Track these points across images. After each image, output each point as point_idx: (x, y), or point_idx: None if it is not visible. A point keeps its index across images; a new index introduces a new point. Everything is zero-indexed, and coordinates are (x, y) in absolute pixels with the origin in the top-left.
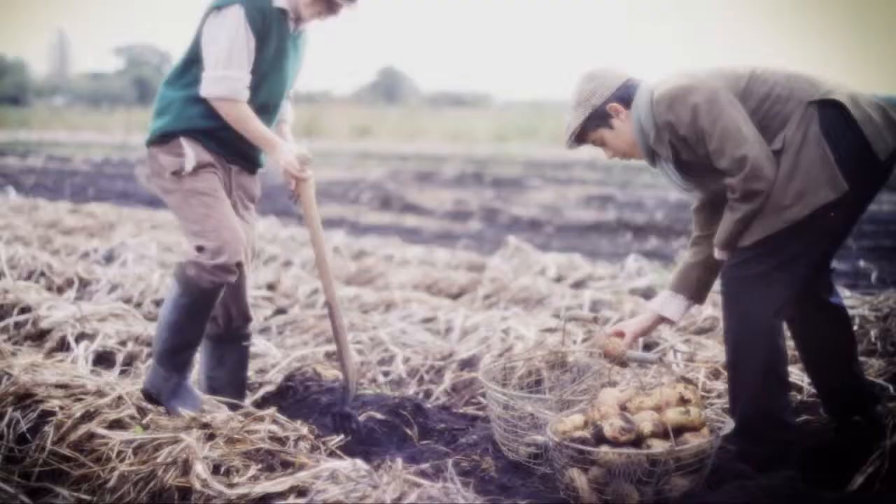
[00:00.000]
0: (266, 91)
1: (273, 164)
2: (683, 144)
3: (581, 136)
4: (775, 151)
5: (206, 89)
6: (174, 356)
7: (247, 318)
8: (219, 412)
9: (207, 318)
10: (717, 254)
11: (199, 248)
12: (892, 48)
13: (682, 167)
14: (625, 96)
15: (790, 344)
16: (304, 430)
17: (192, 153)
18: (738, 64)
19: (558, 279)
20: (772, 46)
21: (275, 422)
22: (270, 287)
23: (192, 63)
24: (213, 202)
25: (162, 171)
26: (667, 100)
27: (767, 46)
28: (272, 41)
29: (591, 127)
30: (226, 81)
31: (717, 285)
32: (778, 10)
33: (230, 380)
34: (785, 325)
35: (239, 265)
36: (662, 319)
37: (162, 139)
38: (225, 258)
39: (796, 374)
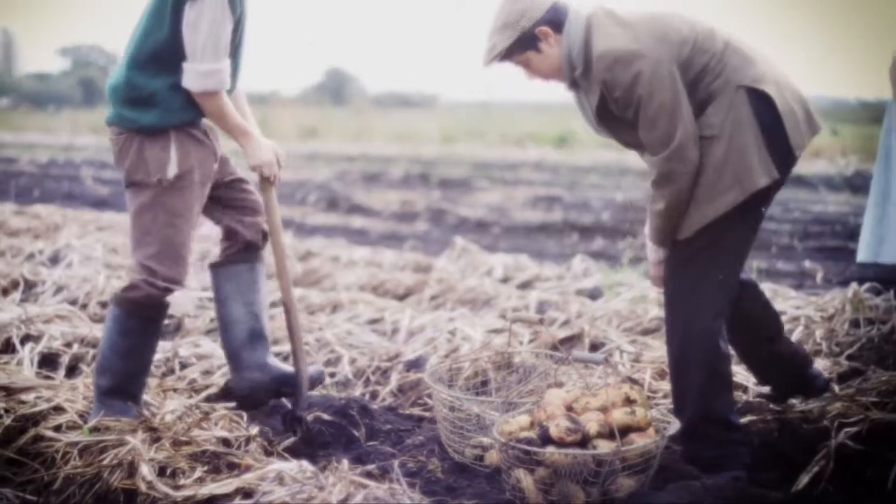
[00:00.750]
0: (236, 73)
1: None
2: (614, 101)
3: (505, 58)
4: (708, 137)
5: (193, 83)
6: (131, 383)
7: (261, 232)
8: (164, 412)
9: (160, 332)
10: (649, 250)
11: (152, 271)
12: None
13: (602, 112)
14: (554, 20)
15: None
16: (252, 431)
17: (176, 157)
18: (686, 23)
19: (505, 280)
20: (770, 46)
21: (223, 422)
22: None
23: (168, 49)
24: (181, 224)
25: (146, 168)
26: (610, 59)
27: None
28: (242, 22)
29: (518, 50)
30: (213, 75)
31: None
32: (775, 11)
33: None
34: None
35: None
36: None
37: (150, 131)
38: (175, 285)
39: (742, 375)
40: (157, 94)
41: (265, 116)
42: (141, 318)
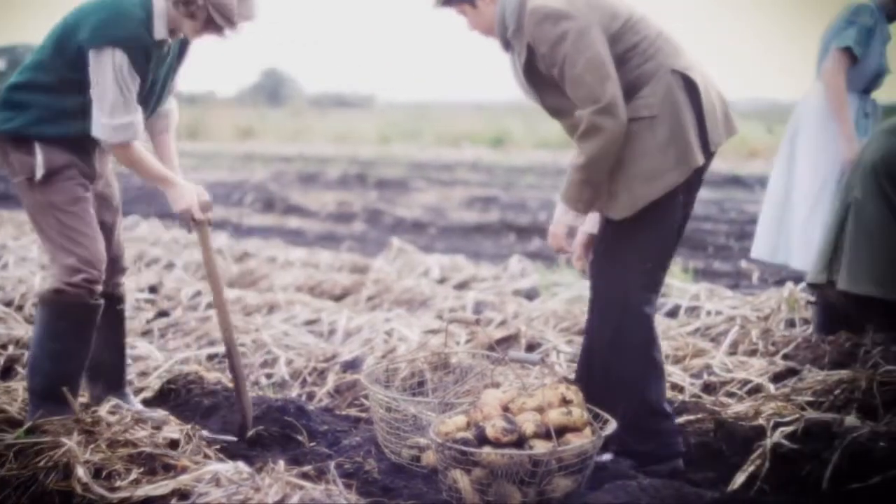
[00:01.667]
0: (149, 110)
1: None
2: (541, 58)
3: (446, 3)
4: (648, 117)
5: (103, 135)
6: (66, 385)
7: (119, 270)
8: (103, 412)
9: (93, 335)
10: (558, 209)
11: (66, 268)
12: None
13: (530, 72)
14: None
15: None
16: (188, 433)
17: (42, 160)
18: (621, 2)
19: (442, 280)
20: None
21: (157, 424)
22: (153, 290)
23: (58, 75)
24: (72, 221)
25: (13, 170)
26: (540, 14)
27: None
28: (152, 70)
29: (457, 0)
30: (123, 129)
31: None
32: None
33: (109, 344)
34: None
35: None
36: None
37: (13, 135)
38: (92, 274)
39: (678, 375)
40: (35, 107)
41: (201, 117)
42: (69, 320)
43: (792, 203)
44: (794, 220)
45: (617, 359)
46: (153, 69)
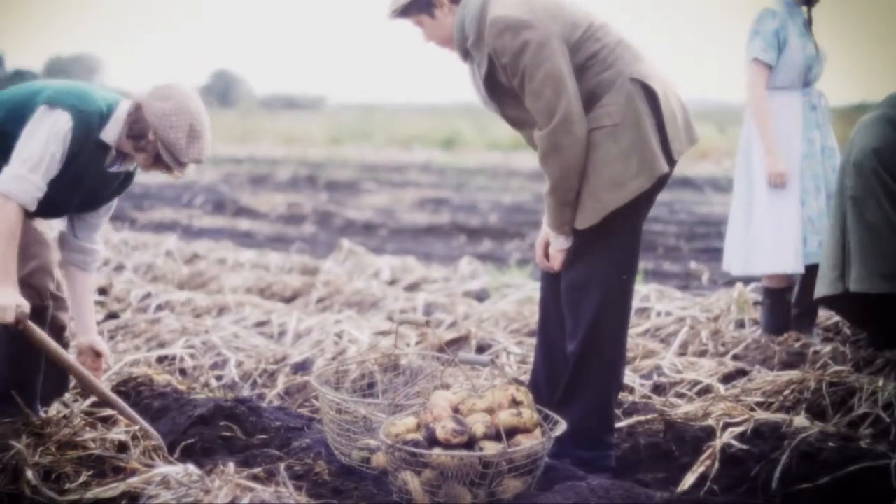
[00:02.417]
0: (69, 208)
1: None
2: (502, 69)
3: (402, 14)
4: (610, 126)
5: (1, 180)
6: (22, 389)
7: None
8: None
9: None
10: (550, 237)
11: None
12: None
13: (490, 83)
14: None
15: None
16: (138, 435)
17: None
18: (583, 10)
19: (392, 282)
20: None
21: (106, 426)
22: (102, 291)
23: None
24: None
25: None
26: (501, 25)
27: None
28: (83, 166)
29: (414, 10)
30: (24, 183)
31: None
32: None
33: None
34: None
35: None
36: None
37: None
38: (41, 300)
39: (628, 376)
40: None
41: None
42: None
43: (755, 212)
44: (761, 224)
45: (580, 365)
46: (84, 164)
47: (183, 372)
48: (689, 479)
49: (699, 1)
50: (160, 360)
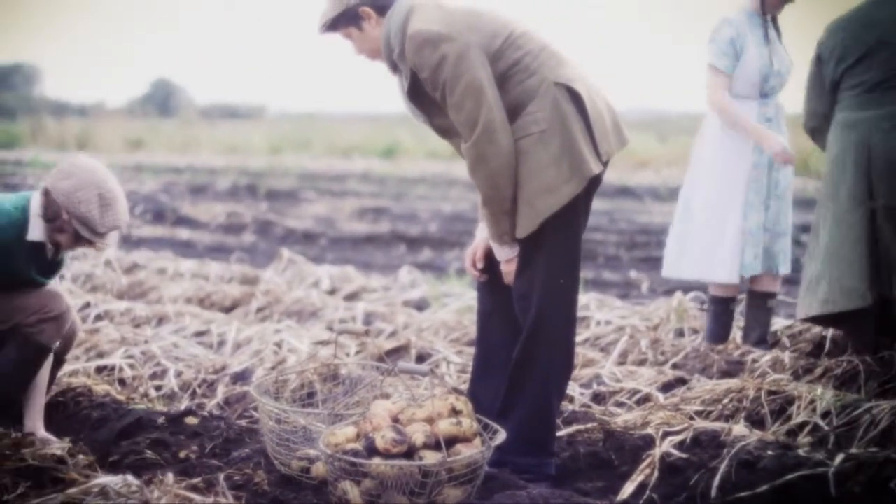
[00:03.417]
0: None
1: None
2: (424, 81)
3: (330, 28)
4: (537, 132)
5: None
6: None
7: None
8: None
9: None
10: (494, 250)
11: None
12: None
13: (416, 94)
14: (379, 3)
15: None
16: (76, 446)
17: None
18: (503, 19)
19: (332, 291)
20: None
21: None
22: None
23: None
24: None
25: None
26: (420, 39)
27: None
28: (24, 270)
29: (342, 24)
30: None
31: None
32: None
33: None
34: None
35: None
36: None
37: None
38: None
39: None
40: None
41: (90, 129)
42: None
43: (693, 217)
44: (701, 232)
45: (521, 371)
46: (23, 267)
47: (122, 382)
48: (628, 488)
49: (629, 12)
50: (99, 370)
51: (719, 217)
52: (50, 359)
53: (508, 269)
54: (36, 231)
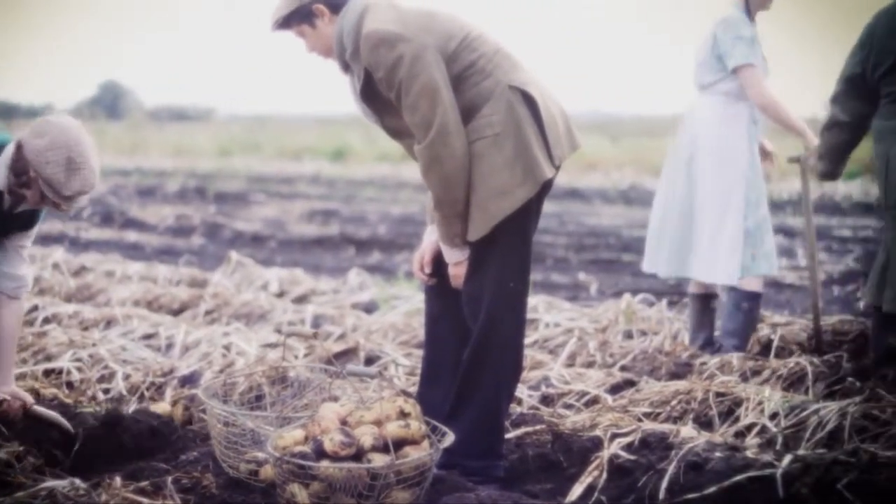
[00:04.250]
0: None
1: None
2: (378, 82)
3: (283, 26)
4: (491, 136)
5: None
6: None
7: None
8: None
9: None
10: (444, 252)
11: None
12: None
13: (368, 94)
14: (333, 2)
15: None
16: (23, 449)
17: None
18: (458, 21)
19: (280, 294)
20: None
21: None
22: None
23: None
24: None
25: None
26: (375, 38)
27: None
28: None
29: (295, 21)
30: None
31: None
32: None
33: None
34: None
35: None
36: None
37: None
38: None
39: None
40: None
41: None
42: None
43: (669, 215)
44: (701, 233)
45: (472, 373)
46: None
47: (70, 385)
48: (576, 490)
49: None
50: (47, 373)
51: (723, 218)
52: (13, 309)
53: (457, 272)
54: None
